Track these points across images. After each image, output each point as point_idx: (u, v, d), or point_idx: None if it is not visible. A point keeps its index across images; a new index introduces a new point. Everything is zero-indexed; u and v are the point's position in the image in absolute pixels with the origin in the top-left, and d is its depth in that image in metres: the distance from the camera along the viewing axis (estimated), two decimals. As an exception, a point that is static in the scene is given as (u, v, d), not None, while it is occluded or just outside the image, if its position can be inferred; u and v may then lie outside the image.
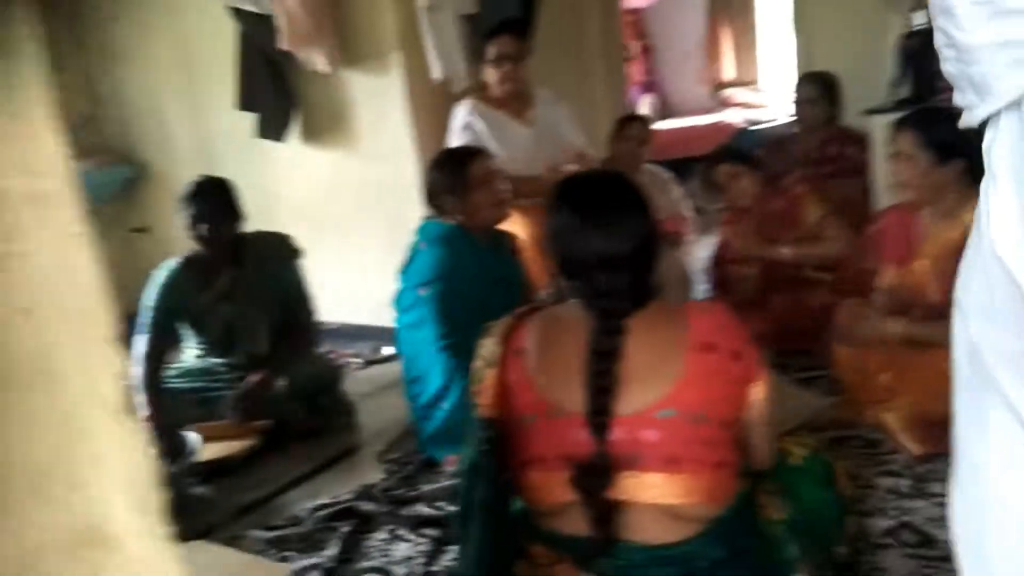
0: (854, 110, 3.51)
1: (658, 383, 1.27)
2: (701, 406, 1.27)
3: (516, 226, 2.75)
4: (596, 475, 1.25)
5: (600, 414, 1.25)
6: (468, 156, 2.47)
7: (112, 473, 0.51)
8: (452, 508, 2.10)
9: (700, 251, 3.65)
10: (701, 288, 3.53)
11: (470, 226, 2.44)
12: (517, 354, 1.35)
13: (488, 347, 1.37)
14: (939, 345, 1.36)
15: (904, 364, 2.15)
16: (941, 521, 1.42)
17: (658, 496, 1.25)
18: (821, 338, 2.58)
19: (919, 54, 3.25)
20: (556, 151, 3.09)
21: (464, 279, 2.37)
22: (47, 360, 0.49)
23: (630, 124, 3.51)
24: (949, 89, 0.84)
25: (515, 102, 3.14)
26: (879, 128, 3.12)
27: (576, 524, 1.29)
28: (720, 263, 3.12)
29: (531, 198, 2.89)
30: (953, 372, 0.88)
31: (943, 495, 1.03)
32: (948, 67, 0.79)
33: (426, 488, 2.24)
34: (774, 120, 6.45)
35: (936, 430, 1.87)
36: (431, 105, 3.40)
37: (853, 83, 3.60)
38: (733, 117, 6.68)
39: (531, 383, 1.32)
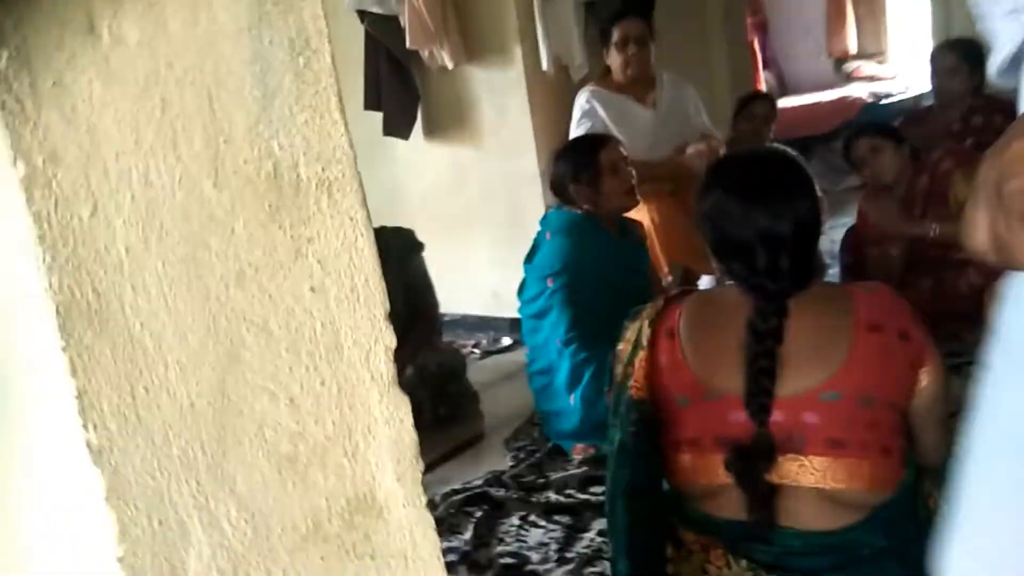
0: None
1: (822, 365, 1.24)
2: (868, 388, 1.23)
3: (639, 213, 2.74)
4: (755, 457, 1.23)
5: (760, 396, 1.23)
6: (596, 143, 2.47)
7: (383, 444, 0.56)
8: (582, 496, 2.12)
9: (830, 232, 3.50)
10: (833, 271, 3.40)
11: (598, 214, 2.44)
12: (669, 336, 1.34)
13: (637, 329, 1.37)
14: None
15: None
16: None
17: (820, 480, 1.22)
18: (971, 323, 2.44)
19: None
20: (681, 134, 3.04)
21: (592, 268, 2.38)
22: (331, 335, 0.54)
23: (754, 102, 3.42)
24: None
25: (638, 86, 3.10)
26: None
27: (732, 508, 1.27)
28: (857, 244, 2.98)
29: (657, 183, 2.87)
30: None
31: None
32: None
33: (555, 476, 2.26)
34: (903, 93, 6.10)
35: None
36: (552, 97, 3.42)
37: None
38: (858, 92, 6.36)
39: (685, 365, 1.31)
